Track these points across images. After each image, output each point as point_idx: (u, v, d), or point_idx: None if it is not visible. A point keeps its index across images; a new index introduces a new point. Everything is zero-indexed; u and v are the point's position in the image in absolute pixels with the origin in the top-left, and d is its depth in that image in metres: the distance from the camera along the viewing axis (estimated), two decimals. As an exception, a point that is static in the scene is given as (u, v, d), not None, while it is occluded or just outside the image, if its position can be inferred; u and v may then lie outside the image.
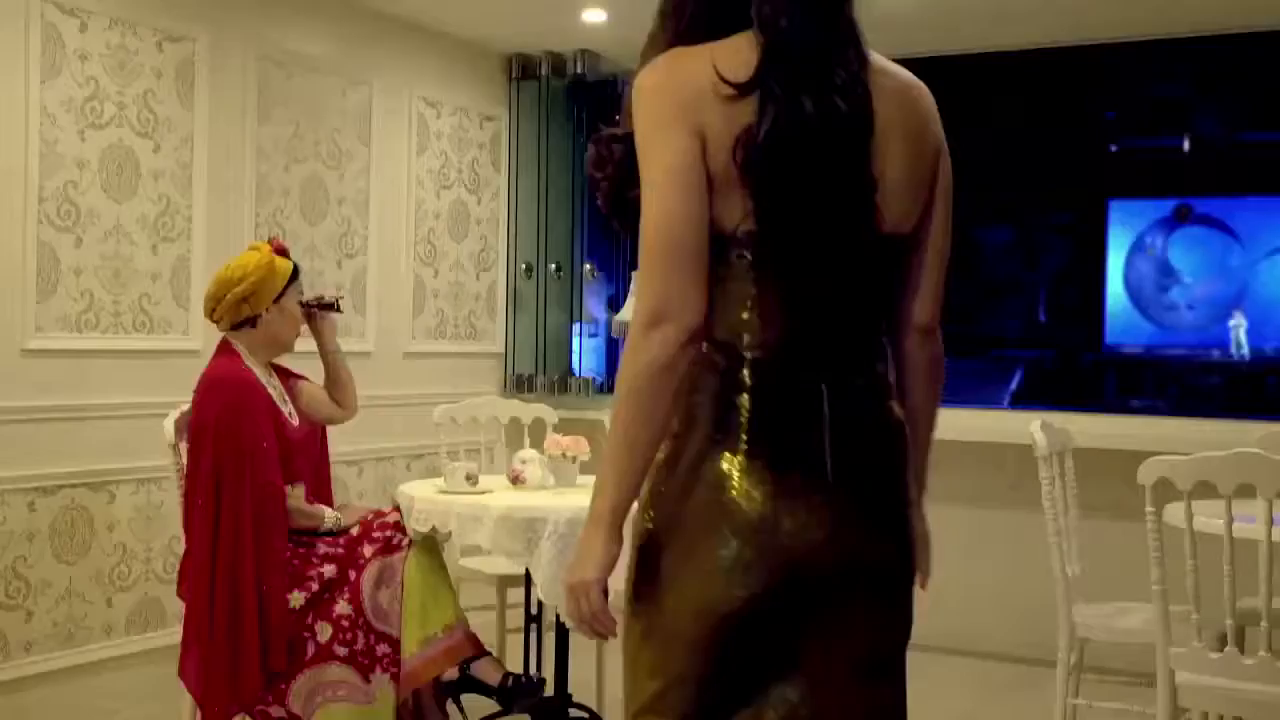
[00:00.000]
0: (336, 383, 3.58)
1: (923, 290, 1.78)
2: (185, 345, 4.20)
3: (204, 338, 4.21)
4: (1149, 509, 2.99)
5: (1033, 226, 11.06)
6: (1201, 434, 4.62)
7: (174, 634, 4.03)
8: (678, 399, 1.65)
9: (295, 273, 3.44)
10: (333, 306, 3.53)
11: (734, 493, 1.63)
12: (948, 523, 4.85)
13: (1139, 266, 10.56)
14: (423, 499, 3.40)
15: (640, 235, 1.63)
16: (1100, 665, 3.64)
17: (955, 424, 4.88)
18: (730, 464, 1.64)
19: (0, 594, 3.72)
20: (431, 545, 3.46)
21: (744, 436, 1.64)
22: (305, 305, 3.48)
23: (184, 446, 3.44)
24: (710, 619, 1.64)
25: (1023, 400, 9.73)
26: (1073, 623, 3.48)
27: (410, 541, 3.44)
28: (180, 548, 4.08)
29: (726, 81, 1.59)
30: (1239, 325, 10.04)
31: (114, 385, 4.01)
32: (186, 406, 3.49)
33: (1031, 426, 3.60)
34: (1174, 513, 3.00)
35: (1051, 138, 9.73)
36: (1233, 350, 10.10)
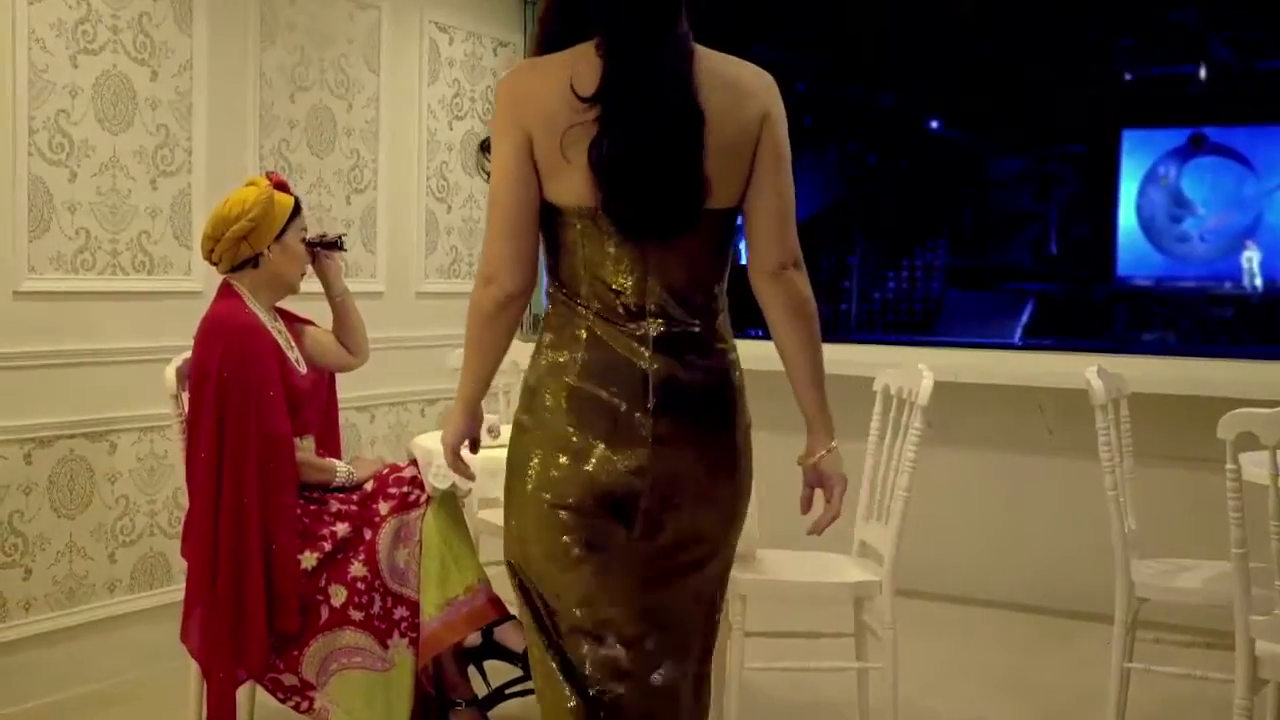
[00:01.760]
0: (345, 327, 3.30)
1: (761, 241, 2.04)
2: (187, 286, 3.89)
3: (206, 279, 3.90)
4: (1229, 466, 2.72)
5: (1044, 157, 10.74)
6: (1250, 376, 4.34)
7: (179, 591, 3.76)
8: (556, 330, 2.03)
9: (297, 208, 3.14)
10: (337, 245, 3.24)
11: (557, 415, 2.01)
12: (984, 470, 4.61)
13: (1151, 197, 10.24)
14: (441, 453, 3.12)
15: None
16: (1151, 621, 3.39)
17: (982, 366, 4.65)
18: (557, 396, 2.00)
19: (-4, 550, 3.46)
20: (451, 502, 3.20)
21: (575, 372, 1.99)
22: (308, 244, 3.18)
23: (185, 396, 3.17)
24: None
25: (1035, 333, 9.48)
26: (1131, 581, 3.22)
27: (428, 498, 3.18)
28: (185, 500, 3.83)
29: (576, 95, 1.92)
30: (1252, 256, 9.75)
31: (113, 329, 3.71)
32: (188, 354, 3.22)
33: (1088, 372, 3.31)
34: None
35: (1064, 67, 9.38)
36: (1245, 282, 9.82)
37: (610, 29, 1.94)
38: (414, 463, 3.25)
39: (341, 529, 3.10)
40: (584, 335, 2.00)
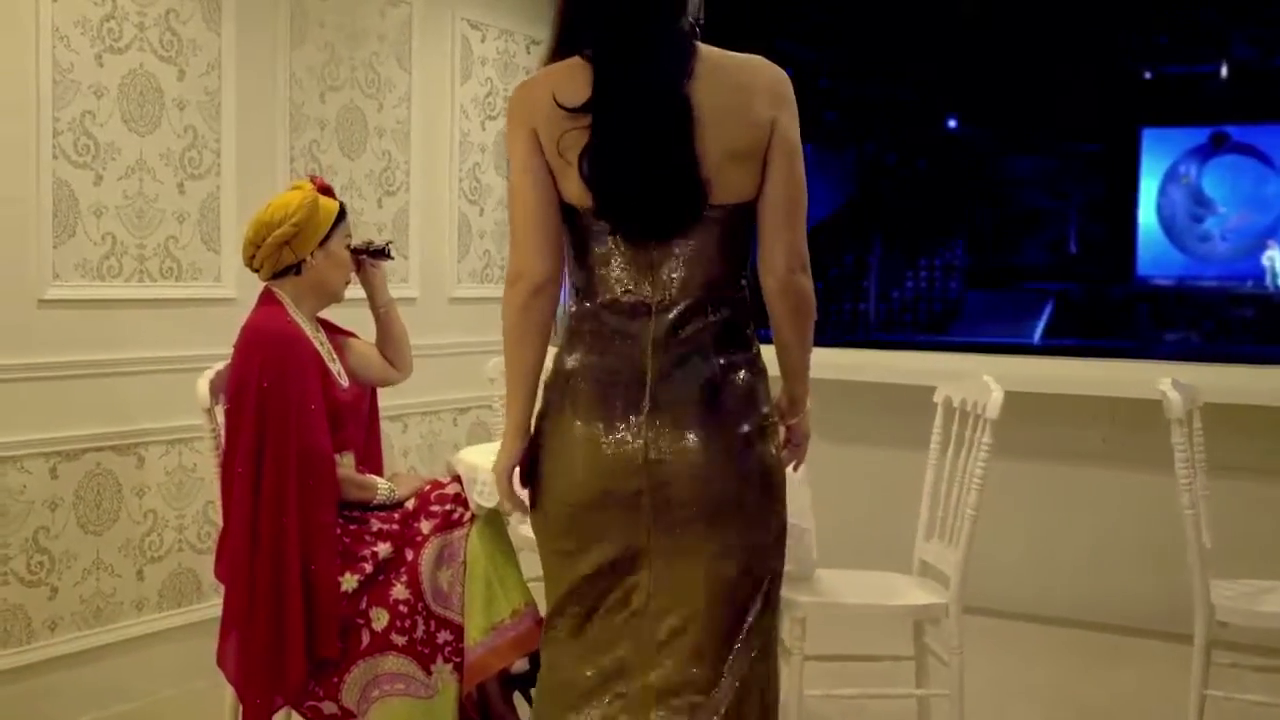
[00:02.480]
0: (389, 339, 3.13)
1: (770, 245, 2.01)
2: (216, 293, 3.72)
3: (237, 285, 3.74)
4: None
5: (1063, 156, 10.58)
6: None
7: (210, 608, 3.62)
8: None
9: (342, 213, 2.98)
10: (383, 253, 3.06)
11: (565, 411, 2.04)
12: (1035, 480, 4.43)
13: (1172, 196, 10.08)
14: (488, 470, 2.95)
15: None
16: (1218, 640, 3.22)
17: (1041, 374, 4.47)
18: (566, 393, 2.04)
19: (22, 569, 3.29)
20: (495, 520, 3.03)
21: (582, 369, 2.02)
22: (353, 251, 3.01)
23: (220, 409, 2.99)
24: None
25: (1055, 334, 9.33)
26: (1211, 604, 3.04)
27: (472, 516, 3.01)
28: (215, 514, 3.66)
29: (563, 107, 1.95)
30: (1274, 256, 9.58)
31: (140, 338, 3.54)
32: (221, 365, 3.05)
33: (1162, 384, 3.13)
34: None
35: (1083, 65, 9.21)
36: (1267, 281, 9.64)
37: (597, 37, 1.96)
38: (457, 479, 3.08)
39: (383, 549, 2.93)
40: (592, 332, 2.02)
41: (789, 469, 2.20)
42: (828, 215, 8.40)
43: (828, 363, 4.38)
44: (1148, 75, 10.12)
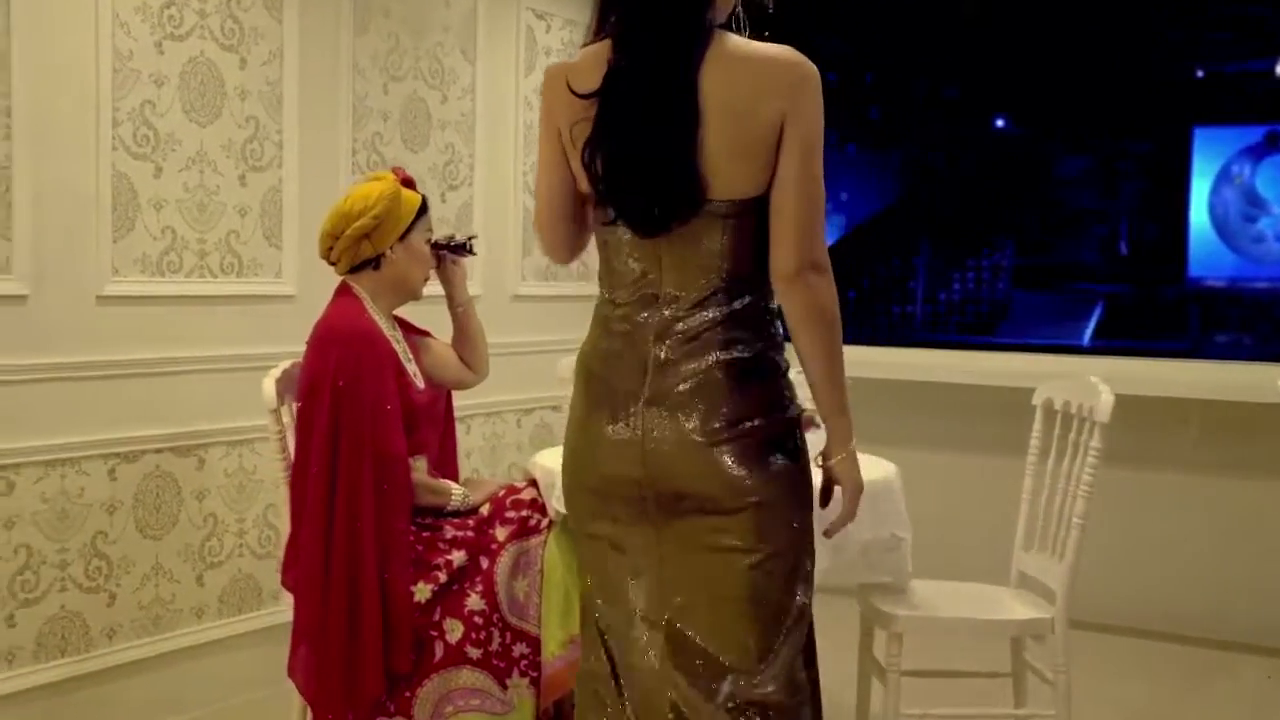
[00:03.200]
0: (466, 340, 2.97)
1: (776, 243, 1.91)
2: (278, 290, 3.56)
3: (298, 281, 3.59)
4: None
5: (1113, 155, 10.34)
6: None
7: (270, 615, 3.48)
8: None
9: (424, 206, 2.82)
10: (465, 248, 2.90)
11: (578, 400, 2.05)
12: (1126, 486, 4.21)
13: (1225, 196, 9.82)
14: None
15: None
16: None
17: (1140, 375, 4.27)
18: (580, 382, 2.05)
19: (80, 574, 3.14)
20: (573, 525, 2.86)
21: (594, 358, 2.03)
22: (434, 247, 2.85)
23: (288, 408, 2.84)
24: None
25: (1104, 335, 9.11)
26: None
27: (550, 523, 2.84)
28: (276, 518, 3.51)
29: (575, 93, 1.94)
30: (1330, 256, 9.32)
31: (199, 336, 3.39)
32: (288, 364, 2.89)
33: (1280, 386, 2.93)
34: None
35: (1134, 63, 8.98)
36: (1323, 283, 9.38)
37: (619, 26, 1.92)
38: (533, 483, 2.92)
39: (457, 557, 2.77)
40: (606, 321, 2.02)
41: (821, 533, 2.06)
42: (873, 216, 8.21)
43: (899, 363, 4.18)
44: (1200, 73, 9.87)
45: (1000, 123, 9.60)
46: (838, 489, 2.05)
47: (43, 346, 3.05)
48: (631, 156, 1.91)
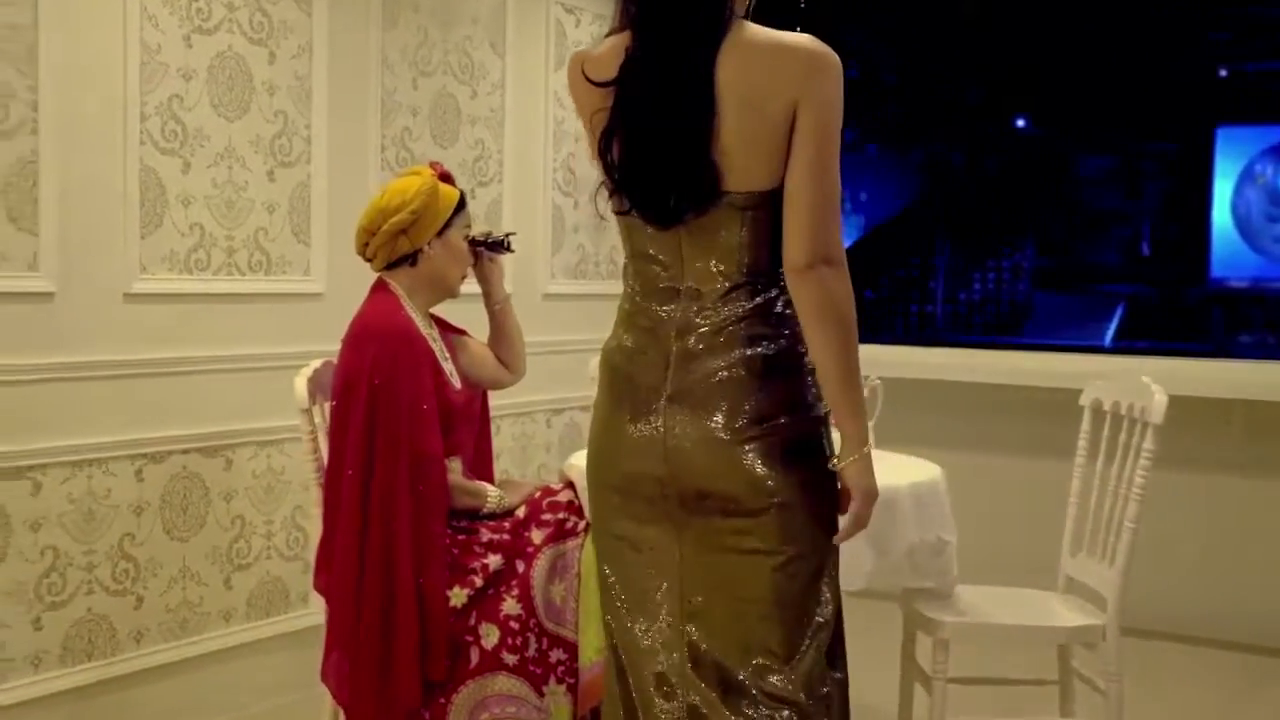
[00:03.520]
0: (503, 339, 2.89)
1: (791, 233, 1.84)
2: (306, 288, 3.49)
3: (327, 279, 3.52)
4: None
5: (1135, 156, 10.24)
6: None
7: (298, 618, 3.42)
8: None
9: (462, 202, 2.74)
10: (503, 245, 2.83)
11: (601, 395, 2.01)
12: (1163, 488, 4.11)
13: (1247, 196, 9.72)
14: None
15: None
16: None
17: (1164, 373, 4.16)
18: (603, 377, 1.99)
19: (107, 578, 3.07)
20: (611, 528, 2.78)
21: (617, 353, 1.98)
22: (472, 243, 2.78)
23: (320, 408, 2.77)
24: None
25: (1126, 336, 9.01)
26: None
27: (587, 525, 2.76)
28: (304, 519, 3.44)
29: (591, 81, 1.91)
30: (1354, 257, 9.20)
31: (227, 334, 3.32)
32: (319, 363, 2.82)
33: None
34: None
35: (1156, 62, 8.87)
36: (1347, 283, 9.26)
37: (638, 13, 1.89)
38: (569, 485, 2.84)
39: (493, 561, 2.69)
40: (628, 317, 1.97)
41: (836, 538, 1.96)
42: (893, 216, 8.12)
43: (923, 363, 4.09)
44: (1222, 73, 9.77)
45: (1021, 123, 9.50)
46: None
47: (69, 345, 2.99)
48: (646, 145, 1.86)
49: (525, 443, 4.22)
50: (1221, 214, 10.13)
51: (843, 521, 1.94)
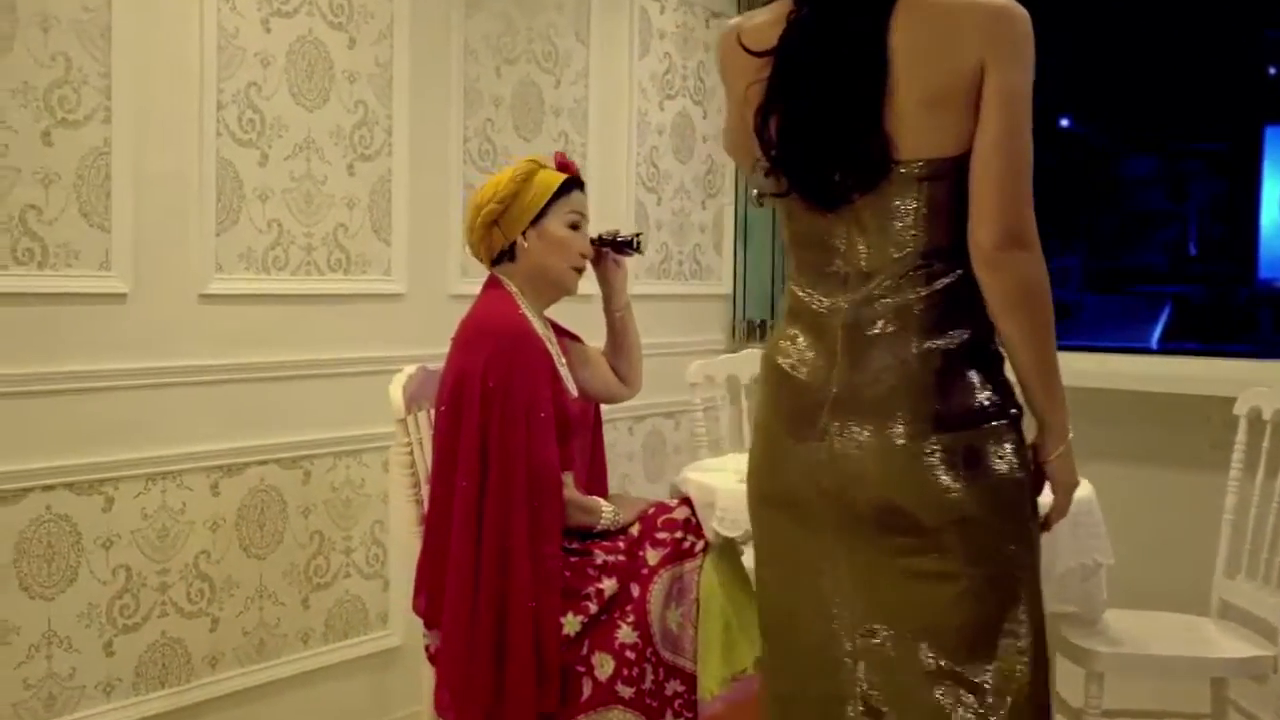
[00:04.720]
0: (621, 348, 2.65)
1: (978, 213, 1.64)
2: (387, 289, 3.24)
3: (408, 279, 3.27)
4: None
5: (1182, 155, 9.97)
6: None
7: (378, 640, 3.18)
8: None
9: (564, 187, 2.47)
10: (630, 245, 2.58)
11: (763, 401, 1.83)
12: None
13: (1296, 196, 9.46)
14: (728, 493, 2.46)
15: None
16: None
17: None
18: (765, 380, 1.81)
19: (182, 598, 2.82)
20: (730, 549, 2.55)
21: (780, 353, 1.78)
22: (595, 242, 2.53)
23: (414, 421, 2.52)
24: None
25: (1173, 338, 8.74)
26: None
27: (705, 545, 2.52)
28: (383, 534, 3.19)
29: (749, 51, 1.73)
30: (1405, 258, 8.92)
31: (304, 338, 3.07)
32: (413, 368, 2.59)
33: None
34: None
35: (1203, 61, 8.60)
36: (1396, 285, 8.97)
37: None
38: (685, 501, 2.59)
39: (608, 585, 2.45)
40: (791, 311, 1.79)
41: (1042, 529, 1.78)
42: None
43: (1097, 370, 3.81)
44: (1272, 71, 9.49)
45: (1065, 122, 9.21)
46: (1046, 485, 1.77)
47: (143, 350, 2.74)
48: (809, 115, 1.67)
49: (607, 452, 3.95)
50: (1270, 213, 9.83)
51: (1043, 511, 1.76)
